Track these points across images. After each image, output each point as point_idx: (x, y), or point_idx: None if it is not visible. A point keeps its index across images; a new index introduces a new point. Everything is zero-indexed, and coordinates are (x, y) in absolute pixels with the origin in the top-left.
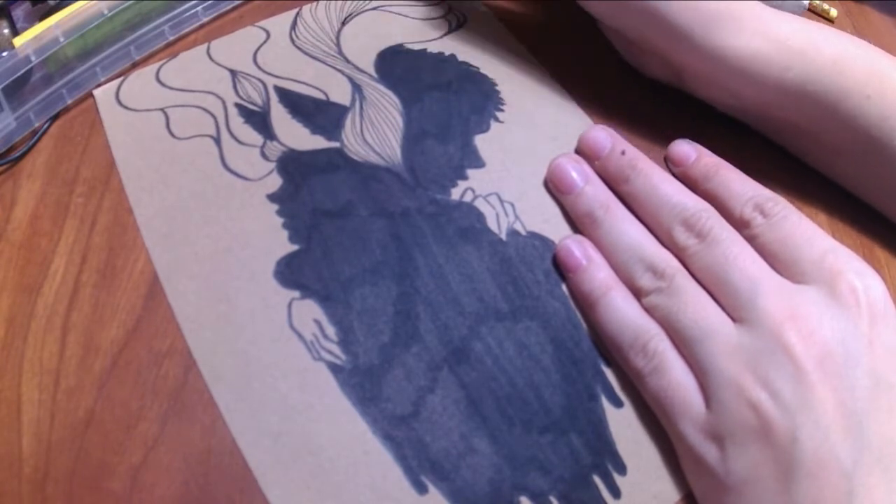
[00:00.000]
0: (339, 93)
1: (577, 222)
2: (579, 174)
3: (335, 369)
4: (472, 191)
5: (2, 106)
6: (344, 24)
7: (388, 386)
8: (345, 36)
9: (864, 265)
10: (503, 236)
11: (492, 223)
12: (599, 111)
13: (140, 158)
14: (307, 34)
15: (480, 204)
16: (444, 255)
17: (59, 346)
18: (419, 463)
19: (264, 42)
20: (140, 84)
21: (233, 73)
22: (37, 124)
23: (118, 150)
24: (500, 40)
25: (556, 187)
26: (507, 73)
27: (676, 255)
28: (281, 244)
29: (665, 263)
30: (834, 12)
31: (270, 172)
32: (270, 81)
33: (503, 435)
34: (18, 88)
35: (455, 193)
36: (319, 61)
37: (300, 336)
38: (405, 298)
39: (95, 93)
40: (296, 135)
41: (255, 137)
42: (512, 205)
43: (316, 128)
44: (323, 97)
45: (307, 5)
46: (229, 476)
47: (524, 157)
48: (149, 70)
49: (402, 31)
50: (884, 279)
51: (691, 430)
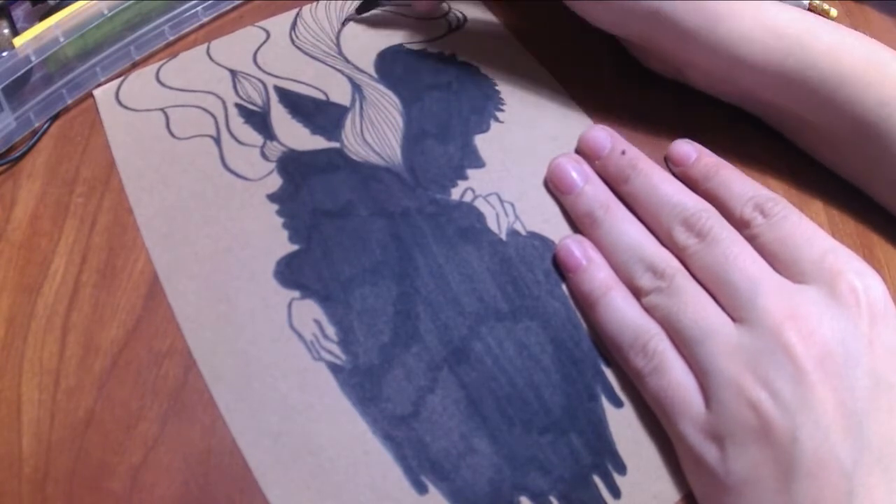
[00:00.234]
0: (339, 93)
1: (577, 222)
2: (579, 174)
3: (335, 369)
4: (472, 191)
5: (2, 106)
6: (344, 24)
7: (388, 386)
8: (345, 36)
9: (864, 265)
10: (503, 236)
11: (492, 223)
12: (599, 111)
13: (140, 158)
14: (307, 34)
15: (480, 204)
16: (444, 255)
17: (59, 346)
18: (419, 463)
19: (264, 42)
20: (140, 84)
21: (233, 73)
22: (37, 124)
23: (118, 150)
24: (500, 40)
25: (556, 187)
26: (507, 73)
27: (676, 255)
28: (281, 244)
29: (665, 263)
30: (834, 12)
31: (270, 172)
32: (270, 81)
33: (503, 435)
34: (18, 88)
35: (455, 193)
36: (319, 61)
37: (300, 336)
38: (405, 298)
39: (95, 93)
40: (296, 135)
41: (255, 137)
42: (512, 205)
43: (316, 128)
44: (323, 97)
45: (307, 5)
46: (229, 476)
47: (524, 157)
48: (149, 70)
49: (402, 31)
50: (884, 279)
51: (691, 430)
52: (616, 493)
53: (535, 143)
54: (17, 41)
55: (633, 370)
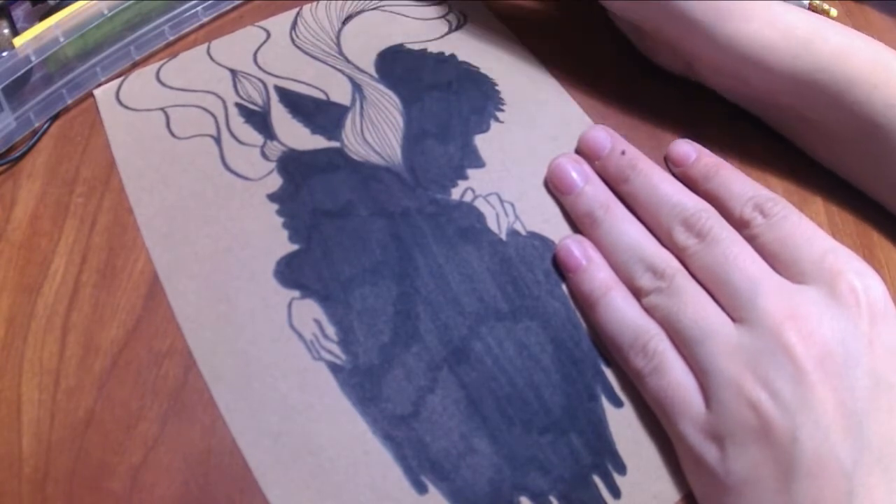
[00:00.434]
0: (340, 92)
1: (577, 222)
2: (579, 174)
3: (335, 369)
4: (473, 191)
5: (2, 106)
6: (344, 23)
7: (388, 386)
8: (345, 36)
9: (864, 265)
10: (503, 236)
11: (492, 223)
12: (599, 111)
13: (140, 158)
14: (307, 34)
15: (480, 204)
16: (444, 255)
17: (59, 346)
18: (419, 463)
19: (264, 42)
20: (140, 84)
21: (233, 72)
22: (37, 124)
23: (118, 149)
24: (500, 40)
25: (556, 187)
26: (507, 73)
27: (676, 255)
28: (281, 244)
29: (665, 263)
30: (834, 12)
31: (270, 172)
32: (271, 81)
33: (503, 435)
34: (18, 88)
35: (455, 193)
36: (320, 61)
37: (300, 336)
38: (405, 298)
39: (96, 92)
40: (296, 134)
41: (256, 137)
42: (512, 205)
43: (316, 127)
44: (323, 97)
45: (307, 5)
46: (229, 476)
47: (524, 157)
48: (149, 70)
49: (402, 30)
50: (884, 279)
51: (691, 430)
52: (616, 493)
53: (535, 143)
54: (17, 41)
55: (633, 370)
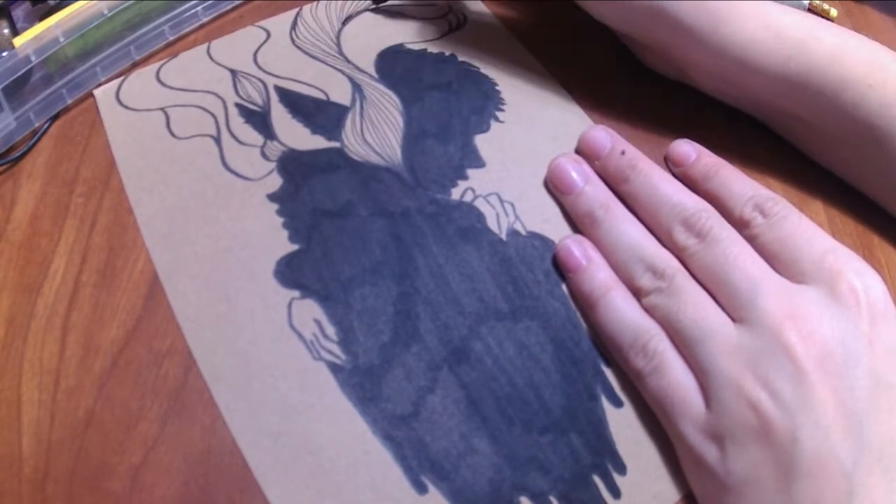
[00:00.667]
0: (340, 93)
1: (577, 222)
2: (579, 174)
3: (335, 369)
4: (473, 191)
5: (2, 106)
6: (344, 23)
7: (388, 386)
8: (345, 36)
9: (864, 265)
10: (503, 236)
11: (492, 223)
12: (599, 111)
13: (140, 158)
14: (307, 34)
15: (480, 204)
16: (444, 255)
17: (59, 346)
18: (419, 463)
19: (264, 42)
20: (140, 84)
21: (233, 72)
22: (37, 124)
23: (118, 149)
24: (500, 40)
25: (556, 187)
26: (507, 73)
27: (676, 255)
28: (281, 244)
29: (665, 263)
30: (834, 12)
31: (270, 172)
32: (271, 81)
33: (503, 435)
34: (18, 88)
35: (455, 193)
36: (320, 61)
37: (300, 336)
38: (405, 298)
39: (96, 92)
40: (296, 135)
41: (256, 137)
42: (512, 205)
43: (316, 128)
44: (323, 97)
45: (307, 5)
46: (229, 476)
47: (524, 157)
48: (149, 70)
49: (402, 31)
50: (884, 279)
51: (691, 430)
52: (616, 493)
53: (535, 143)
54: (17, 41)
55: (633, 370)
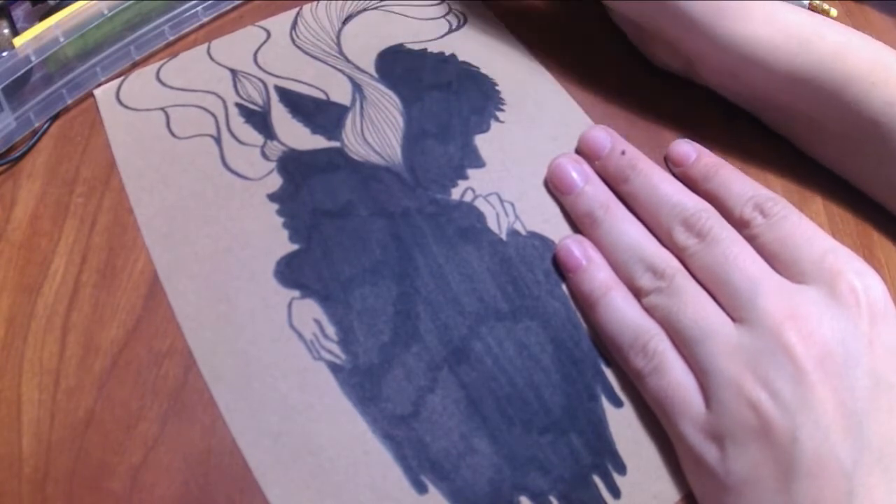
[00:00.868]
0: (340, 92)
1: (577, 222)
2: (579, 174)
3: (335, 369)
4: (473, 191)
5: (2, 106)
6: (344, 23)
7: (388, 386)
8: (345, 35)
9: (864, 265)
10: (503, 236)
11: (492, 223)
12: (599, 111)
13: (140, 158)
14: (308, 34)
15: (480, 204)
16: (444, 254)
17: (59, 346)
18: (419, 463)
19: (265, 42)
20: (140, 84)
21: (233, 72)
22: (37, 124)
23: (118, 149)
24: (500, 40)
25: (556, 187)
26: (507, 73)
27: (676, 255)
28: (281, 244)
29: (665, 263)
30: (834, 12)
31: (271, 172)
32: (271, 81)
33: (503, 435)
34: (18, 88)
35: (455, 193)
36: (320, 61)
37: (300, 336)
38: (405, 298)
39: (96, 92)
40: (296, 134)
41: (256, 137)
42: (512, 205)
43: (316, 127)
44: (323, 97)
45: (307, 5)
46: (229, 476)
47: (524, 157)
48: (149, 70)
49: (402, 30)
50: (884, 279)
51: (691, 430)
52: (616, 493)
53: (535, 143)
54: (17, 41)
55: (633, 370)
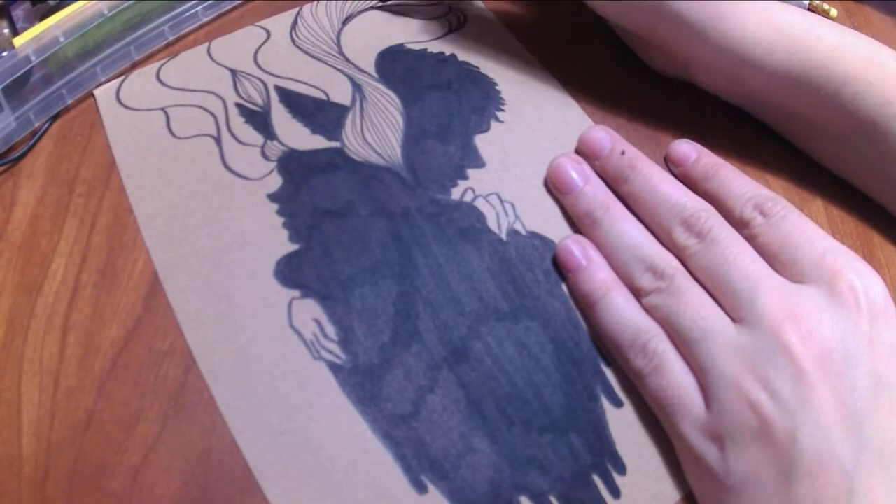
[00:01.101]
0: (340, 92)
1: (576, 222)
2: (579, 174)
3: (335, 369)
4: (473, 191)
5: (2, 106)
6: (344, 23)
7: (388, 385)
8: (345, 35)
9: (864, 265)
10: (503, 236)
11: (492, 223)
12: (599, 111)
13: (140, 158)
14: (308, 34)
15: (480, 204)
16: (444, 254)
17: (59, 346)
18: (419, 462)
19: (265, 42)
20: (140, 83)
21: (233, 72)
22: (37, 124)
23: (118, 149)
24: (500, 40)
25: (555, 187)
26: (507, 73)
27: (676, 255)
28: (281, 243)
29: (665, 263)
30: (834, 12)
31: (271, 172)
32: (271, 81)
33: (503, 434)
34: (18, 88)
35: (455, 193)
36: (320, 61)
37: (300, 335)
38: (405, 298)
39: (96, 92)
40: (296, 134)
41: (256, 137)
42: (512, 204)
43: (316, 127)
44: (323, 97)
45: (307, 5)
46: (229, 476)
47: (524, 157)
48: (149, 69)
49: (402, 31)
50: (884, 279)
51: (691, 430)
52: (616, 493)
53: (535, 143)
54: (17, 41)
55: (633, 370)
